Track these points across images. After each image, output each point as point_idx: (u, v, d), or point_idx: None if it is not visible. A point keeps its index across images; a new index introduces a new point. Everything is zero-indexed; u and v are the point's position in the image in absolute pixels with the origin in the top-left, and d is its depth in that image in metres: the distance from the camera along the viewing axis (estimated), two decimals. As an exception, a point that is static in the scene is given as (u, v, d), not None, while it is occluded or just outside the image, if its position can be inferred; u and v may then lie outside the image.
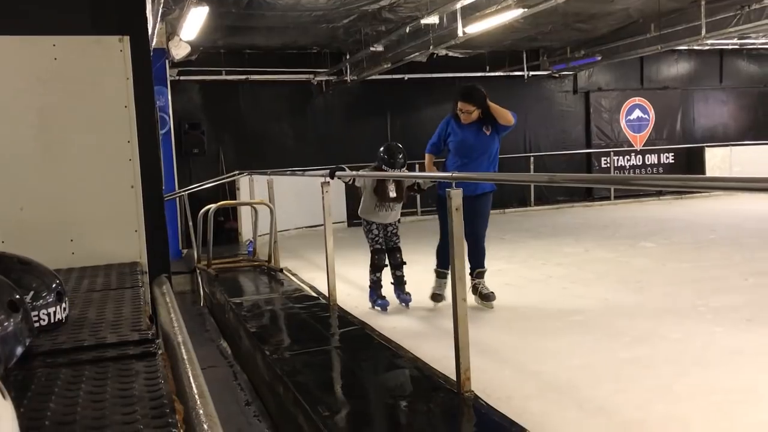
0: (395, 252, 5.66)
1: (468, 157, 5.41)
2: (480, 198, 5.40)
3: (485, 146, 5.45)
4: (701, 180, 2.95)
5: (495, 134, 5.47)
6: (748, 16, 9.01)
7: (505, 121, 5.37)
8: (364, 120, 13.36)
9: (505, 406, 3.17)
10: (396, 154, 5.55)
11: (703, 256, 7.63)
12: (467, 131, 5.44)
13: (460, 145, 5.46)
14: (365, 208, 5.67)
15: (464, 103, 5.37)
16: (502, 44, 12.57)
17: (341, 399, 3.57)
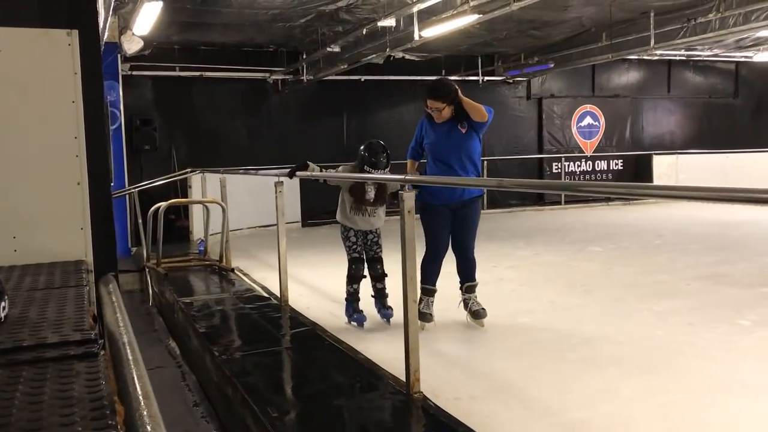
0: (376, 263, 5.14)
1: (446, 160, 4.84)
2: (467, 204, 4.90)
3: (462, 146, 4.85)
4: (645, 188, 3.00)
5: (472, 132, 4.86)
6: (694, 29, 9.30)
7: (478, 117, 4.76)
8: (320, 120, 13.33)
9: (453, 406, 3.21)
10: (378, 154, 4.98)
11: (648, 260, 7.83)
12: (440, 131, 4.89)
13: (434, 147, 4.92)
14: (341, 211, 5.17)
15: (432, 100, 4.80)
16: (458, 49, 12.69)
17: (290, 400, 3.56)
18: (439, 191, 4.81)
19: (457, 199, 4.84)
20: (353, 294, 5.13)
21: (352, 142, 13.48)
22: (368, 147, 5.04)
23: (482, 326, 4.93)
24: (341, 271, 7.90)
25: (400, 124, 13.81)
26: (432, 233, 4.92)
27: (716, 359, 4.12)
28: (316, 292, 6.47)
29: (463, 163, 4.87)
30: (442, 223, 4.88)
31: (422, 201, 4.80)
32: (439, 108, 4.80)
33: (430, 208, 4.86)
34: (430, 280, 4.97)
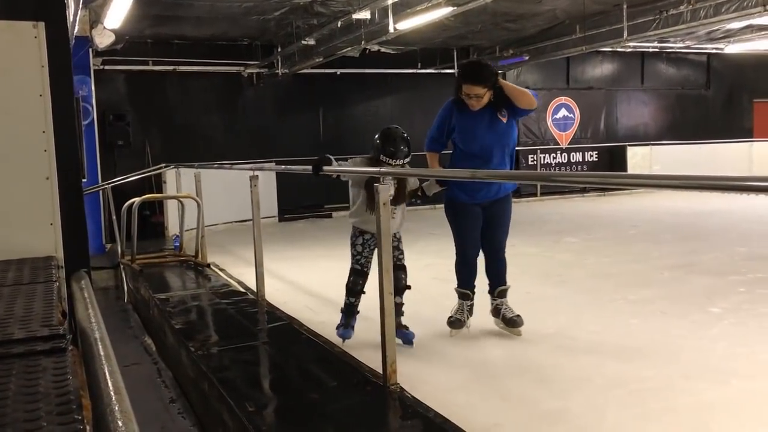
0: (399, 271, 4.35)
1: (485, 154, 4.25)
2: (501, 202, 4.42)
3: (504, 138, 4.28)
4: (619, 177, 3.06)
5: (512, 121, 4.30)
6: (666, 20, 9.39)
7: (525, 104, 4.20)
8: (295, 114, 13.27)
9: (430, 397, 3.22)
10: (397, 141, 4.27)
11: (623, 250, 7.92)
12: (478, 120, 4.24)
13: (470, 139, 4.28)
14: (355, 211, 4.47)
15: (472, 84, 4.13)
16: (434, 42, 12.69)
17: (267, 394, 3.55)
18: (474, 188, 4.31)
19: (492, 197, 4.36)
20: (349, 307, 4.47)
21: (328, 136, 13.46)
22: (385, 134, 4.35)
23: (519, 335, 4.42)
24: (317, 265, 7.91)
25: (377, 117, 13.80)
26: (463, 234, 4.47)
27: (688, 346, 4.18)
28: (293, 287, 6.45)
29: (504, 157, 4.33)
30: (474, 223, 4.42)
31: (452, 199, 4.41)
32: (479, 94, 4.14)
33: (461, 206, 4.40)
34: (466, 284, 4.55)
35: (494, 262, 4.54)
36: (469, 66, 4.39)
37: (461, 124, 4.30)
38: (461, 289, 4.58)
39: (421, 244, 8.65)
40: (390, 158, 4.23)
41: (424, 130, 15.71)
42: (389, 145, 4.26)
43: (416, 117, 14.07)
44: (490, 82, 4.14)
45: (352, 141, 13.18)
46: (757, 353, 4.02)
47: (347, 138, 13.34)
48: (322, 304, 5.65)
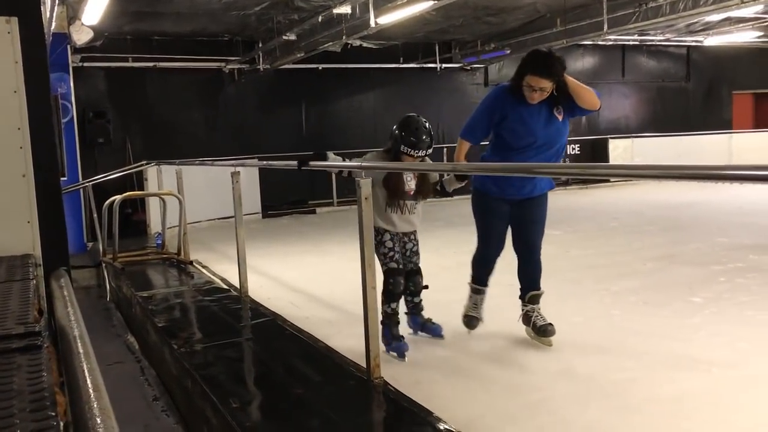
0: (416, 275, 4.23)
1: (528, 151, 3.90)
2: (535, 201, 4.10)
3: (556, 137, 3.94)
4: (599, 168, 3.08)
5: (567, 120, 3.98)
6: (645, 13, 9.45)
7: (590, 104, 3.90)
8: (277, 109, 13.22)
9: (415, 390, 3.22)
10: (420, 131, 3.94)
11: (605, 242, 7.97)
12: (535, 114, 3.87)
13: (523, 134, 3.90)
14: (375, 209, 3.91)
15: (539, 77, 3.76)
16: (415, 36, 12.69)
17: (251, 390, 3.54)
18: (507, 183, 3.98)
19: (525, 195, 4.04)
20: (392, 316, 4.08)
21: (311, 132, 13.42)
22: (405, 124, 4.00)
23: (550, 345, 4.06)
24: (301, 261, 7.90)
25: (359, 113, 13.79)
26: (488, 230, 4.17)
27: (670, 336, 4.22)
28: (277, 283, 6.43)
29: (551, 158, 3.98)
30: (501, 221, 4.13)
31: (481, 190, 4.09)
32: (545, 88, 3.78)
33: (489, 200, 4.08)
34: (481, 280, 4.33)
35: (527, 264, 4.21)
36: (540, 56, 3.86)
37: (515, 116, 3.88)
38: (475, 285, 4.33)
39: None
40: (412, 149, 3.90)
41: (406, 125, 15.26)
42: (410, 135, 3.92)
43: (399, 112, 14.02)
44: (558, 77, 3.79)
45: (335, 136, 13.17)
46: (737, 341, 4.07)
47: (330, 133, 13.32)
48: (306, 299, 5.64)
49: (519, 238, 4.18)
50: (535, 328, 4.11)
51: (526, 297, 4.22)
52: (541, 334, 4.09)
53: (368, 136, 13.23)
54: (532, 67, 3.80)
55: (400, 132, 3.97)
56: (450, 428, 2.77)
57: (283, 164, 5.42)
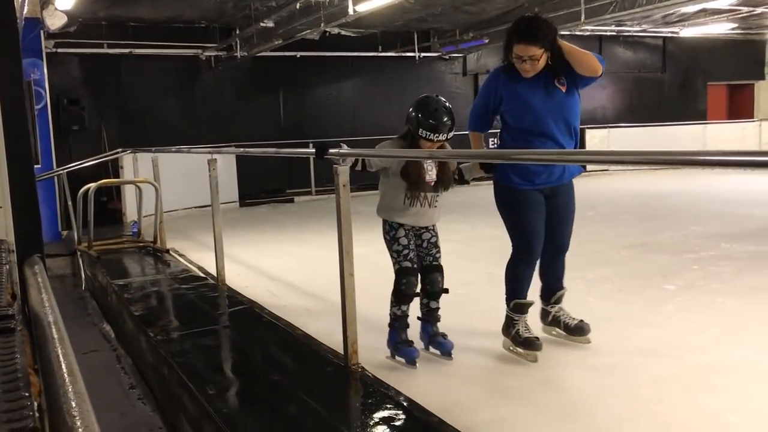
0: (435, 273, 3.75)
1: (544, 129, 3.52)
2: (565, 188, 3.73)
3: (564, 110, 3.55)
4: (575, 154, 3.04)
5: (573, 91, 3.58)
6: (622, 3, 9.51)
7: (588, 70, 3.49)
8: (255, 97, 13.13)
9: (392, 377, 3.25)
10: (439, 112, 3.55)
11: (581, 231, 7.94)
12: (531, 89, 3.52)
13: (522, 112, 3.56)
14: (388, 202, 3.71)
15: (526, 44, 3.41)
16: (394, 25, 12.66)
17: (228, 377, 3.54)
18: (535, 171, 3.57)
19: (555, 182, 3.63)
20: (401, 319, 3.70)
21: (289, 120, 13.36)
22: (422, 105, 3.61)
23: (588, 342, 3.80)
24: (279, 249, 7.88)
25: (338, 101, 13.75)
26: (527, 228, 3.67)
27: (643, 323, 4.28)
28: (255, 271, 6.42)
29: (567, 133, 3.58)
30: (540, 214, 3.66)
31: (507, 186, 3.65)
32: (535, 56, 3.41)
33: (521, 195, 3.63)
34: (523, 292, 3.75)
35: (554, 263, 3.85)
36: (523, 22, 3.52)
37: (511, 94, 3.56)
38: (521, 300, 3.73)
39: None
40: (431, 133, 3.51)
41: (385, 114, 15.89)
42: (429, 117, 3.53)
43: (378, 101, 14.07)
44: (548, 42, 3.42)
45: (313, 125, 13.13)
46: (709, 328, 4.14)
47: (309, 122, 13.27)
48: (284, 288, 5.63)
49: (549, 236, 3.71)
50: (569, 328, 3.85)
51: (551, 298, 3.88)
52: (578, 333, 3.82)
53: (347, 125, 13.21)
54: (517, 33, 3.46)
55: (417, 114, 3.57)
56: (427, 413, 2.80)
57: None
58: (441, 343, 3.73)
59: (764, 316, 4.35)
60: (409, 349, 3.65)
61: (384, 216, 3.74)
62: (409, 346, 3.65)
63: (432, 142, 3.56)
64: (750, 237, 6.94)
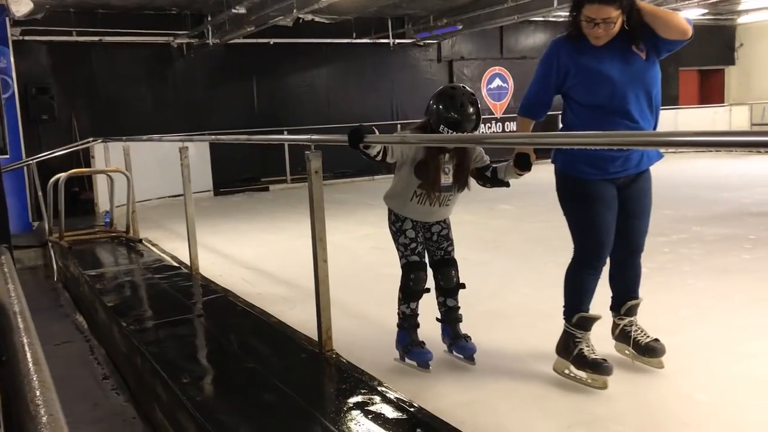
0: (448, 267, 3.44)
1: (613, 105, 2.93)
2: (642, 178, 3.16)
3: (643, 81, 2.97)
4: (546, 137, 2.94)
5: (654, 59, 3.00)
6: (595, -11, 9.55)
7: (677, 31, 2.90)
8: (228, 85, 13.01)
9: (367, 362, 3.26)
10: (465, 108, 3.14)
11: (555, 216, 7.99)
12: (606, 57, 2.94)
13: (595, 85, 2.95)
14: (398, 192, 3.34)
15: (599, 4, 2.82)
16: (368, 11, 12.59)
17: (203, 365, 3.53)
18: (609, 157, 3.02)
19: (632, 170, 3.07)
20: (410, 318, 3.39)
21: (263, 108, 13.26)
22: (445, 96, 3.19)
23: (661, 367, 3.22)
24: (254, 238, 7.83)
25: (312, 88, 13.67)
26: (595, 229, 3.12)
27: (615, 305, 4.33)
28: (229, 260, 6.38)
29: (648, 109, 3.00)
30: (611, 209, 3.11)
31: (572, 176, 3.11)
32: (610, 18, 2.84)
33: (589, 186, 3.08)
34: (587, 304, 3.20)
35: (627, 267, 3.30)
36: None
37: (580, 65, 2.97)
38: (585, 314, 3.16)
39: (360, 214, 8.68)
40: (454, 129, 3.11)
41: (360, 102, 15.82)
42: (452, 110, 3.11)
43: (352, 88, 14.02)
44: (627, 2, 2.85)
45: (287, 112, 13.04)
46: (679, 309, 4.20)
47: (283, 110, 13.18)
48: (259, 276, 5.61)
49: (621, 235, 3.17)
50: (638, 346, 3.25)
51: (622, 308, 3.33)
52: (649, 354, 3.23)
53: (321, 112, 13.14)
54: None
55: (438, 106, 3.16)
56: (400, 397, 2.81)
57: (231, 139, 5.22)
58: (463, 346, 3.38)
59: (733, 297, 4.42)
60: (421, 351, 3.31)
61: (390, 205, 3.40)
62: (420, 347, 3.33)
63: None
64: (719, 220, 7.04)
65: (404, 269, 3.36)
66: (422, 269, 3.34)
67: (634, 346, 3.27)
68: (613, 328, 3.39)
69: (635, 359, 3.26)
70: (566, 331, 3.21)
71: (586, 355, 3.09)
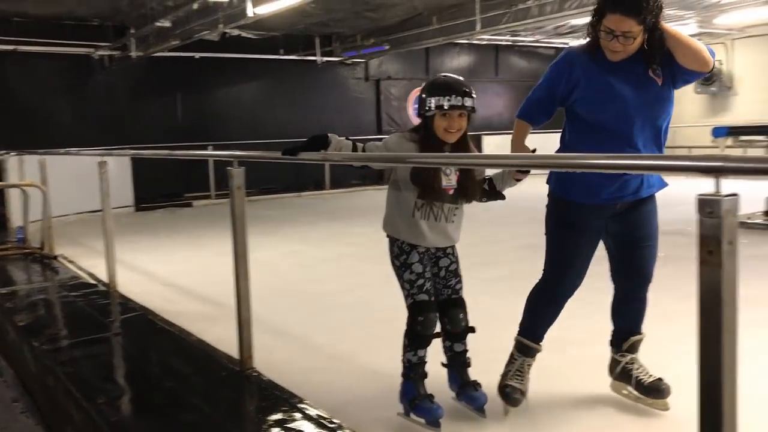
0: (456, 309, 3.06)
1: (619, 128, 2.74)
2: (644, 205, 2.94)
3: (655, 107, 2.76)
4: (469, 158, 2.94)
5: (670, 86, 2.77)
6: (515, 14, 9.90)
7: (698, 62, 2.65)
8: (151, 99, 12.76)
9: (287, 379, 3.25)
10: (449, 78, 2.88)
11: (476, 233, 8.24)
12: (620, 75, 2.73)
13: (604, 103, 2.76)
14: (395, 213, 2.96)
15: (621, 15, 2.60)
16: (296, 28, 12.64)
17: (120, 386, 3.44)
18: (600, 181, 2.82)
19: (630, 196, 2.85)
20: (417, 366, 2.95)
21: (188, 123, 13.07)
22: (438, 85, 2.83)
23: (666, 409, 2.96)
24: (175, 254, 7.69)
25: (239, 103, 13.56)
26: (568, 257, 3.03)
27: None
28: (149, 277, 6.24)
29: (651, 140, 2.79)
30: (591, 242, 2.99)
31: (563, 197, 2.96)
32: (631, 32, 2.61)
33: (577, 212, 2.93)
34: (536, 333, 3.12)
35: (633, 299, 3.10)
36: None
37: (591, 79, 2.76)
38: (529, 342, 3.08)
39: (286, 230, 8.65)
40: (448, 97, 2.78)
41: (287, 118, 15.78)
42: (438, 85, 2.80)
43: (280, 104, 13.99)
44: (652, 17, 2.61)
45: (213, 128, 12.88)
46: (592, 323, 4.34)
47: (208, 124, 13.02)
48: (180, 293, 5.52)
49: (625, 264, 3.02)
50: (641, 386, 3.01)
51: (624, 345, 3.09)
52: (654, 395, 2.98)
53: (248, 128, 13.04)
54: (614, 2, 2.63)
55: (426, 89, 2.86)
56: (321, 414, 2.82)
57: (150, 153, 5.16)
58: (473, 396, 3.01)
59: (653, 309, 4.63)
60: (430, 406, 2.88)
61: (392, 231, 2.97)
62: (430, 402, 2.89)
63: (449, 113, 2.78)
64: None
65: (411, 310, 2.93)
66: (432, 310, 2.93)
67: (637, 386, 3.03)
68: (611, 366, 3.14)
69: (638, 401, 3.02)
70: (512, 354, 3.19)
71: (508, 383, 3.05)
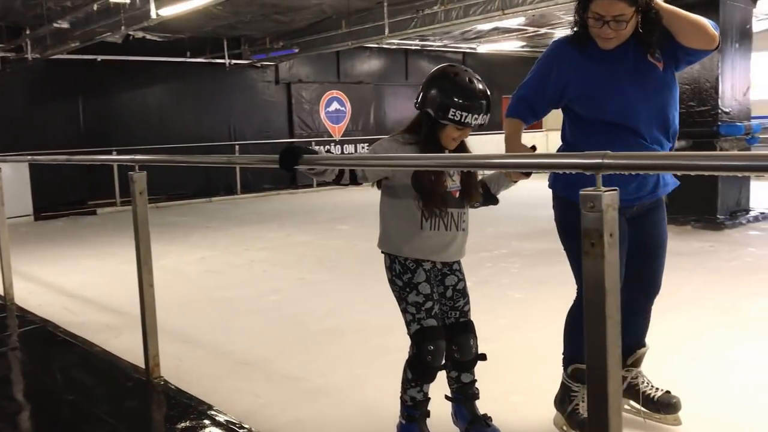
0: (465, 334, 2.65)
1: (623, 121, 2.48)
2: (656, 208, 2.69)
3: (658, 95, 2.51)
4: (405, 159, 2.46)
5: (671, 70, 2.53)
6: (423, 19, 10.08)
7: (701, 39, 2.41)
8: (50, 103, 12.20)
9: (196, 387, 3.21)
10: (474, 86, 2.45)
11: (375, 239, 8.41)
12: (615, 64, 2.48)
13: (601, 97, 2.50)
14: (397, 228, 2.58)
15: None
16: (203, 30, 12.40)
17: (17, 401, 3.30)
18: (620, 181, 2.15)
19: (647, 196, 2.59)
20: (421, 405, 2.57)
21: (91, 127, 12.60)
22: (443, 77, 2.49)
23: (679, 423, 2.73)
24: (78, 264, 7.41)
25: (144, 107, 13.18)
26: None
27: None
28: (50, 289, 5.98)
29: (660, 129, 2.53)
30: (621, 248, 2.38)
31: (571, 201, 2.32)
32: (622, 16, 2.36)
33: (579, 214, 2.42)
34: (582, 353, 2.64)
35: (640, 312, 2.77)
36: None
37: (583, 76, 2.51)
38: (580, 366, 2.59)
39: (195, 236, 8.49)
40: (465, 113, 2.42)
41: (195, 121, 15.49)
42: (456, 93, 2.42)
43: (186, 107, 13.69)
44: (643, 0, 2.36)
45: (117, 132, 12.47)
46: (498, 319, 4.52)
47: (112, 129, 12.59)
48: (83, 304, 5.32)
49: (636, 275, 2.65)
50: (651, 401, 2.76)
51: (629, 359, 2.79)
52: (666, 410, 2.74)
53: (154, 132, 12.68)
54: None
55: (439, 89, 2.46)
56: (230, 419, 2.80)
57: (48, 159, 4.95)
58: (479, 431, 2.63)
59: (546, 304, 4.83)
60: None
61: (391, 250, 2.57)
62: None
63: (463, 128, 2.48)
64: (535, 235, 7.64)
65: (417, 338, 2.51)
66: (442, 337, 2.53)
67: (645, 401, 2.78)
68: (625, 385, 2.81)
69: (647, 417, 2.78)
70: (563, 384, 2.77)
71: (579, 413, 2.67)
